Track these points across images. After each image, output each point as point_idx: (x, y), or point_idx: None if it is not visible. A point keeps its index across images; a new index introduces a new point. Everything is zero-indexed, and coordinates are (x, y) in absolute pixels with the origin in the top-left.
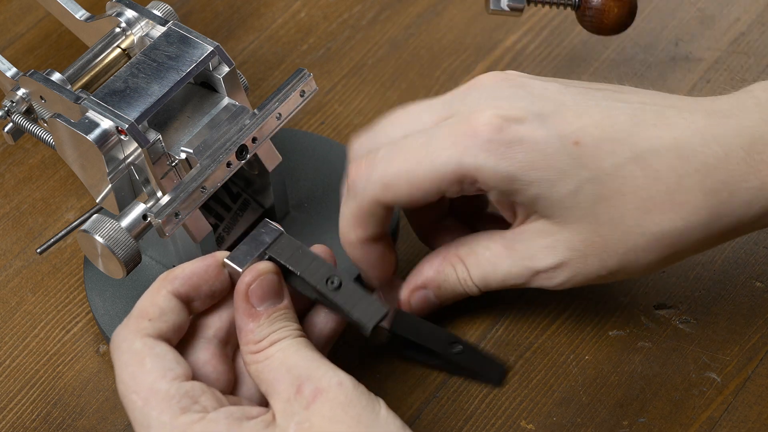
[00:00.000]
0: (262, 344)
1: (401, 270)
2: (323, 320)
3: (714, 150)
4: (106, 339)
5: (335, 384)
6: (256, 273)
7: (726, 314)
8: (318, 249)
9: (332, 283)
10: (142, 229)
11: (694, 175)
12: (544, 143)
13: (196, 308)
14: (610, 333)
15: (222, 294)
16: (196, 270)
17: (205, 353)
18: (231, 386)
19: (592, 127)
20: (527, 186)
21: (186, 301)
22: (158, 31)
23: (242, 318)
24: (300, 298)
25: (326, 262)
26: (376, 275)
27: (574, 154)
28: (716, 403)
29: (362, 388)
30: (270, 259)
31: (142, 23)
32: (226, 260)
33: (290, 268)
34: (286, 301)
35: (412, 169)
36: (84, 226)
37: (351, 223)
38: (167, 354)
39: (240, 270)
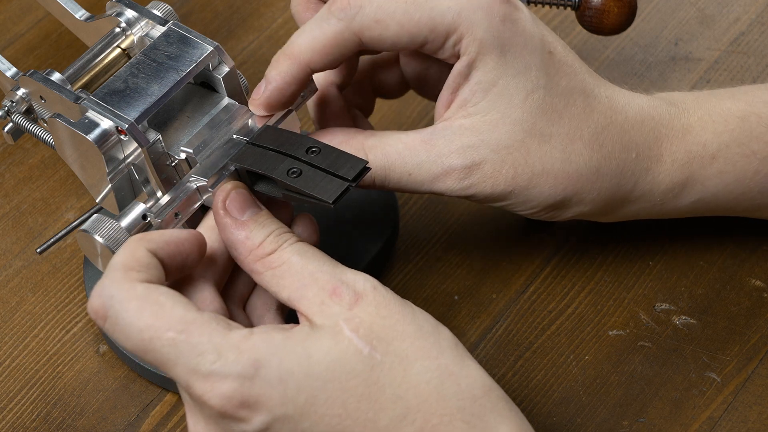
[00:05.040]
0: (266, 246)
1: (399, 270)
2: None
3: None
4: (106, 339)
5: (370, 288)
6: (226, 190)
7: (726, 314)
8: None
9: (293, 173)
10: (141, 228)
11: (615, 126)
12: (530, 36)
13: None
14: (610, 333)
15: (191, 269)
16: (173, 238)
17: (207, 293)
18: None
19: (562, 47)
20: (502, 57)
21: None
22: (158, 31)
23: (232, 231)
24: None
25: (286, 158)
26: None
27: (545, 59)
28: (716, 403)
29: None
30: (235, 166)
31: (142, 23)
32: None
33: (253, 169)
34: (265, 210)
35: (409, 11)
36: (84, 226)
37: (320, 43)
38: (175, 293)
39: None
